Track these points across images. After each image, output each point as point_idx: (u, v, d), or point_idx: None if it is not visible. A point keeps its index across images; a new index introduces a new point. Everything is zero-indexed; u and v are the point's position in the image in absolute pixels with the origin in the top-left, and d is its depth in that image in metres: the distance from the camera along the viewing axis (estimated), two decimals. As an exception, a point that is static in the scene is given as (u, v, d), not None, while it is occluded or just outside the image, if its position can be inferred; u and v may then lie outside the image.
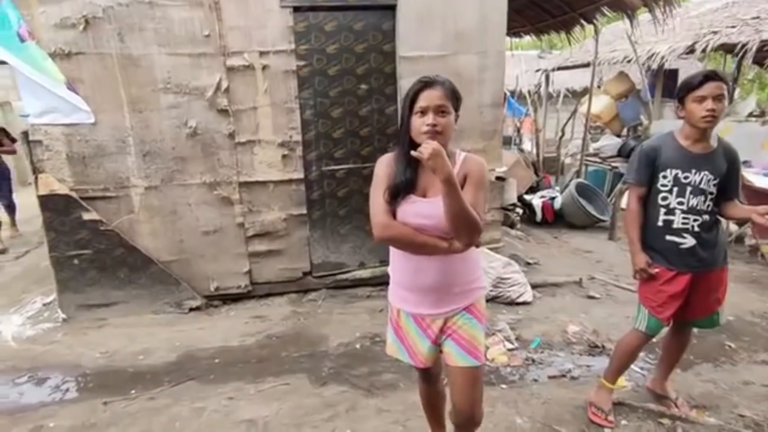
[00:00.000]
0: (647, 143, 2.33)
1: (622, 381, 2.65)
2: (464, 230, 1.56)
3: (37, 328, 3.60)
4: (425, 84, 1.60)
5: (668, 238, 2.24)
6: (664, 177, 2.23)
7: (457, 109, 1.65)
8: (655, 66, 7.06)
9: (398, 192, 1.64)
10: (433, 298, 1.71)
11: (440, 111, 1.58)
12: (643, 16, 5.45)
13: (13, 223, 6.12)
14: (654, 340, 3.14)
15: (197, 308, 3.81)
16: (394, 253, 1.76)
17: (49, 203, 3.50)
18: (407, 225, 1.63)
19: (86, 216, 3.58)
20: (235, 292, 3.97)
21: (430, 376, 1.97)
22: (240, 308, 3.88)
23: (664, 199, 2.24)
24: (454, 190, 1.47)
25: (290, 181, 3.86)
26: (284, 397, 2.67)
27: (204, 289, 3.89)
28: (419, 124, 1.59)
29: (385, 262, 4.17)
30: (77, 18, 3.33)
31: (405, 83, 3.79)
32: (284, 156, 3.81)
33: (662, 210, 2.25)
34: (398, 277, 1.79)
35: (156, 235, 3.76)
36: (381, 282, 4.10)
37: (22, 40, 3.27)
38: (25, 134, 3.50)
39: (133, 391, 2.77)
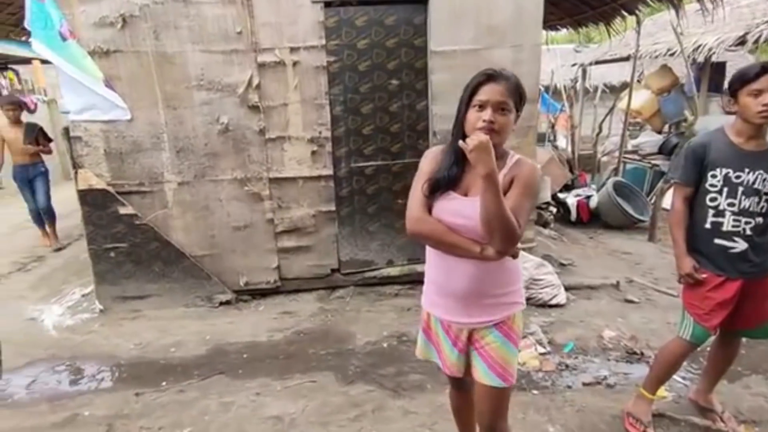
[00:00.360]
0: (695, 140, 2.19)
1: (662, 391, 2.51)
2: (498, 236, 1.44)
3: (76, 318, 3.73)
4: (489, 77, 1.48)
5: (717, 241, 2.10)
6: (714, 176, 2.08)
7: (519, 109, 1.53)
8: (701, 59, 6.71)
9: (438, 186, 1.55)
10: (462, 305, 1.61)
11: (500, 108, 1.47)
12: (690, 5, 5.17)
13: (53, 233, 5.60)
14: (698, 348, 2.98)
15: (227, 302, 3.86)
16: (429, 250, 1.67)
17: (87, 197, 3.61)
18: (442, 222, 1.54)
19: (122, 210, 3.67)
20: (264, 288, 4.00)
21: (461, 384, 1.89)
22: (269, 303, 3.91)
23: (713, 200, 2.10)
24: (492, 189, 1.37)
25: (319, 178, 3.86)
26: (311, 395, 2.67)
27: (234, 283, 3.94)
28: (475, 119, 1.48)
29: (413, 260, 4.14)
30: (115, 17, 3.41)
31: (436, 78, 3.72)
32: (314, 152, 3.80)
33: (710, 211, 2.11)
34: (431, 276, 1.71)
35: (188, 230, 3.82)
36: (409, 280, 4.05)
37: (64, 39, 3.37)
38: (66, 130, 3.62)
39: (164, 383, 2.82)
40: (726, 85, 2.11)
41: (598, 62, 9.06)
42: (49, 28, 3.33)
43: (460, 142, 1.41)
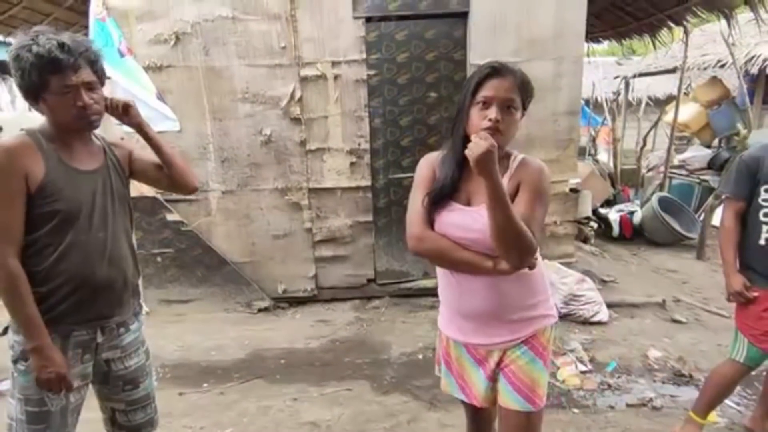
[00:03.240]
0: (747, 153, 2.11)
1: (713, 416, 2.38)
2: (511, 250, 1.30)
3: (123, 319, 3.89)
4: (494, 70, 1.33)
5: None
6: (767, 191, 1.99)
7: (525, 106, 1.39)
8: (754, 70, 6.43)
9: (441, 197, 1.40)
10: (483, 325, 1.46)
11: (507, 105, 1.33)
12: (742, 15, 4.98)
13: None
14: (752, 372, 2.82)
15: (265, 309, 3.95)
16: (438, 269, 1.52)
17: (138, 204, 3.78)
18: (446, 237, 1.39)
19: (169, 217, 3.84)
20: (302, 296, 4.07)
21: (480, 419, 1.67)
22: (305, 311, 3.97)
23: (767, 215, 2.00)
24: (500, 201, 1.23)
25: (357, 188, 3.91)
26: (346, 403, 2.68)
27: (272, 291, 4.02)
28: (479, 118, 1.33)
29: (449, 272, 4.12)
30: (169, 34, 3.61)
31: (475, 91, 3.72)
32: (352, 163, 3.87)
33: (765, 227, 2.01)
34: (444, 297, 1.55)
35: (230, 237, 3.95)
36: (445, 293, 4.03)
37: (122, 55, 3.58)
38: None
39: (205, 385, 2.91)
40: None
41: (642, 74, 8.82)
42: (110, 45, 3.55)
43: (467, 150, 1.24)
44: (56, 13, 4.81)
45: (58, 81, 1.33)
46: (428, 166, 1.48)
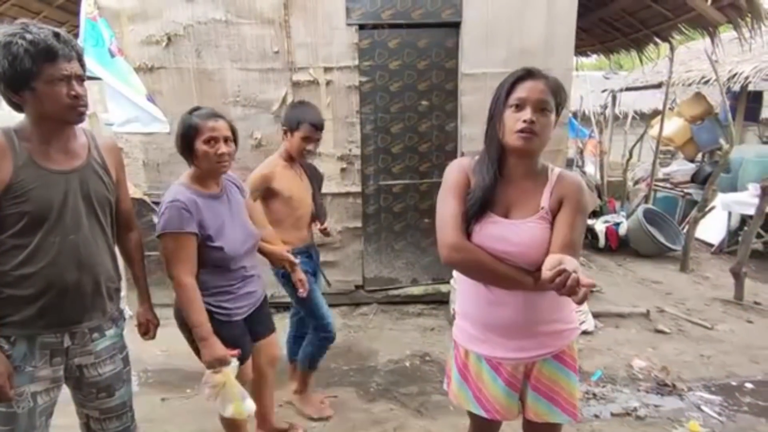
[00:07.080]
0: None
1: (696, 426, 2.42)
2: (562, 288, 1.30)
3: (106, 322, 3.82)
4: (528, 73, 1.35)
5: None
6: None
7: (558, 112, 1.38)
8: (736, 87, 6.59)
9: (484, 208, 1.36)
10: (511, 338, 1.42)
11: (541, 108, 1.31)
12: (726, 33, 5.12)
13: None
14: (734, 383, 2.87)
15: (252, 314, 3.90)
16: (462, 279, 1.49)
17: (124, 206, 3.74)
18: (484, 249, 1.35)
19: (156, 219, 3.78)
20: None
21: (492, 429, 1.64)
22: (292, 317, 3.92)
23: None
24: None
25: (348, 194, 3.91)
26: (333, 409, 2.65)
27: (259, 295, 3.98)
28: (513, 120, 1.32)
29: (438, 280, 4.12)
30: (161, 35, 3.59)
31: (466, 100, 3.76)
32: (343, 169, 3.87)
33: None
34: (466, 308, 1.51)
35: (218, 241, 3.90)
36: (433, 300, 4.03)
37: (112, 56, 3.55)
38: (109, 141, 3.78)
39: (188, 390, 2.86)
40: None
41: (628, 89, 8.99)
42: (100, 45, 3.52)
43: (545, 272, 1.13)
44: (46, 12, 4.77)
45: (53, 69, 1.30)
46: (461, 171, 1.43)
